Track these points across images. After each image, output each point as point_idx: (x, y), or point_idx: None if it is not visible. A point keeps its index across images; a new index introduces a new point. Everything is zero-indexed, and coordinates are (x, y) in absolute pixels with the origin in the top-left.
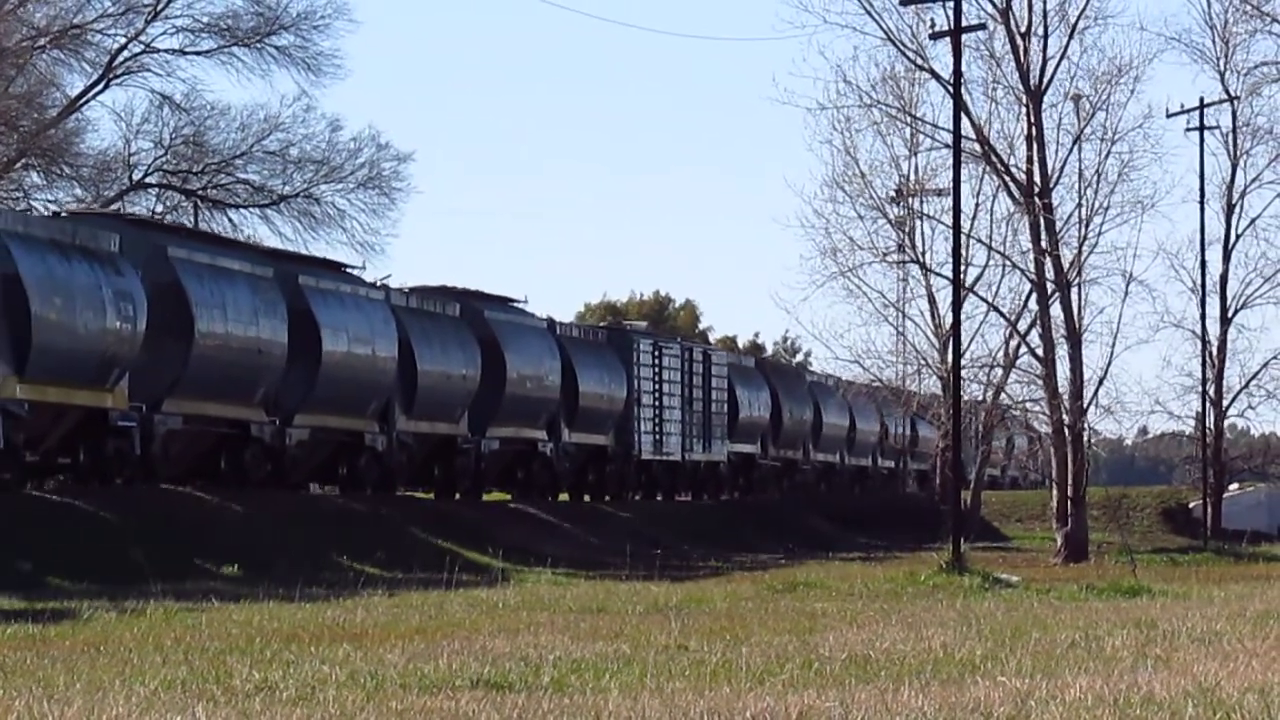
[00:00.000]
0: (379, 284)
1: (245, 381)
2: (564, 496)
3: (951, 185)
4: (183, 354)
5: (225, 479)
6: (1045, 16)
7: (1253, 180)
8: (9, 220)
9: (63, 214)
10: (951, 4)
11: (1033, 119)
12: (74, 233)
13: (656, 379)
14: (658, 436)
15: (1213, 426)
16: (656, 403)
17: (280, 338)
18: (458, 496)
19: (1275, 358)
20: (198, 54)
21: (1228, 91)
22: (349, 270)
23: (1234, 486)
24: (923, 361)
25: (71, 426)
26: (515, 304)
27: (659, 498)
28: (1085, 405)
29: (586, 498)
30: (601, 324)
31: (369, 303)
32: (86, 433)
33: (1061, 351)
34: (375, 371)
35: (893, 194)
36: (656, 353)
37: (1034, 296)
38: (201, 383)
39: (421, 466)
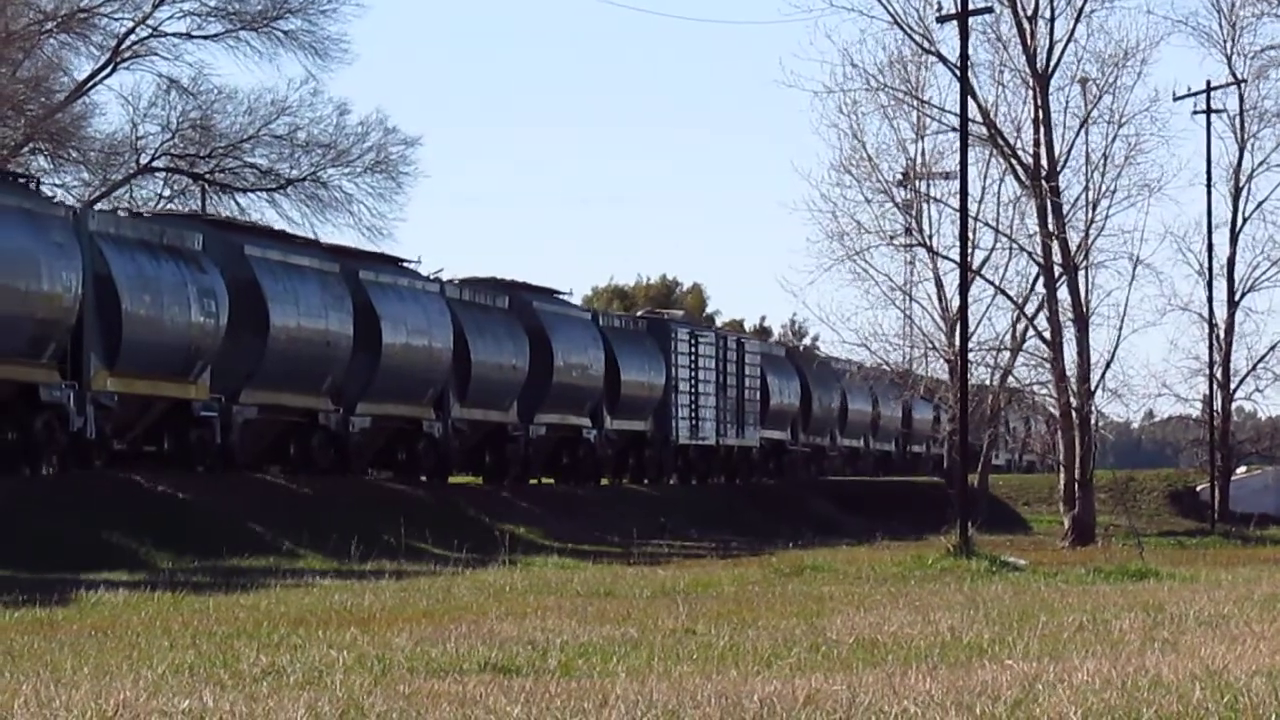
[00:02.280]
0: (433, 277)
1: (314, 373)
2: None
3: (958, 168)
4: (259, 347)
5: (294, 465)
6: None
7: (1260, 163)
8: (102, 222)
9: (146, 214)
10: None
11: (1039, 102)
12: (161, 233)
13: (693, 367)
14: (694, 423)
15: (1220, 409)
16: (693, 390)
17: (346, 330)
18: (506, 482)
19: None
20: (205, 38)
21: (1235, 75)
22: (406, 264)
23: (1241, 470)
24: (930, 345)
25: (157, 416)
26: (560, 296)
27: (694, 481)
28: (1092, 388)
29: (625, 481)
30: (640, 313)
31: (425, 295)
32: (171, 422)
33: (1069, 334)
34: (432, 361)
35: (900, 177)
36: (693, 342)
37: (1041, 280)
38: (275, 374)
39: (473, 453)
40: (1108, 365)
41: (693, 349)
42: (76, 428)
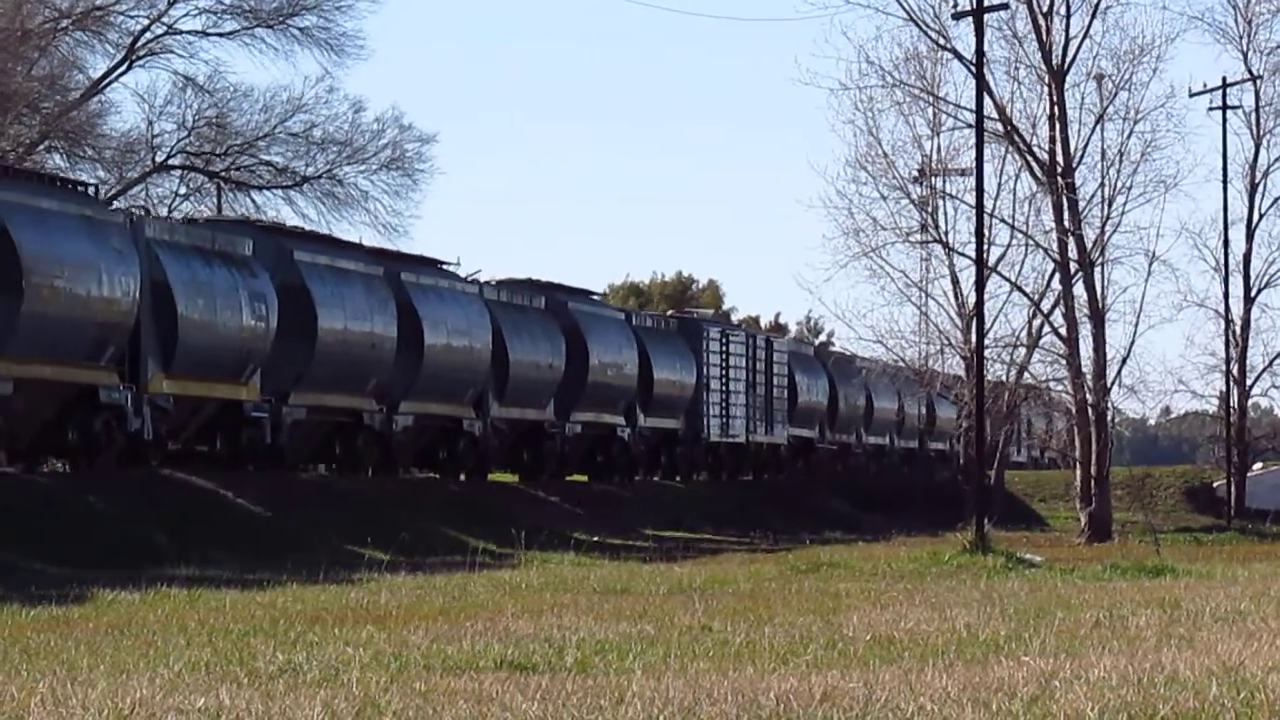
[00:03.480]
0: (471, 279)
1: (360, 374)
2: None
3: (974, 165)
4: (307, 350)
5: (340, 464)
6: None
7: (1276, 159)
8: (158, 229)
9: (198, 220)
10: None
11: (1055, 98)
12: (213, 239)
13: (724, 365)
14: (724, 420)
15: (1236, 406)
16: (723, 388)
17: (390, 332)
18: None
19: None
20: (220, 35)
21: (1250, 71)
22: (445, 266)
23: (1257, 466)
24: (946, 341)
25: (209, 417)
26: (594, 296)
27: (724, 477)
28: (1109, 384)
29: (657, 477)
30: (671, 313)
31: (464, 297)
32: (223, 423)
33: (1085, 331)
34: (472, 361)
35: (915, 174)
36: (724, 340)
37: (1057, 276)
38: (323, 376)
39: (511, 450)
40: (1124, 361)
41: (723, 348)
42: (134, 428)
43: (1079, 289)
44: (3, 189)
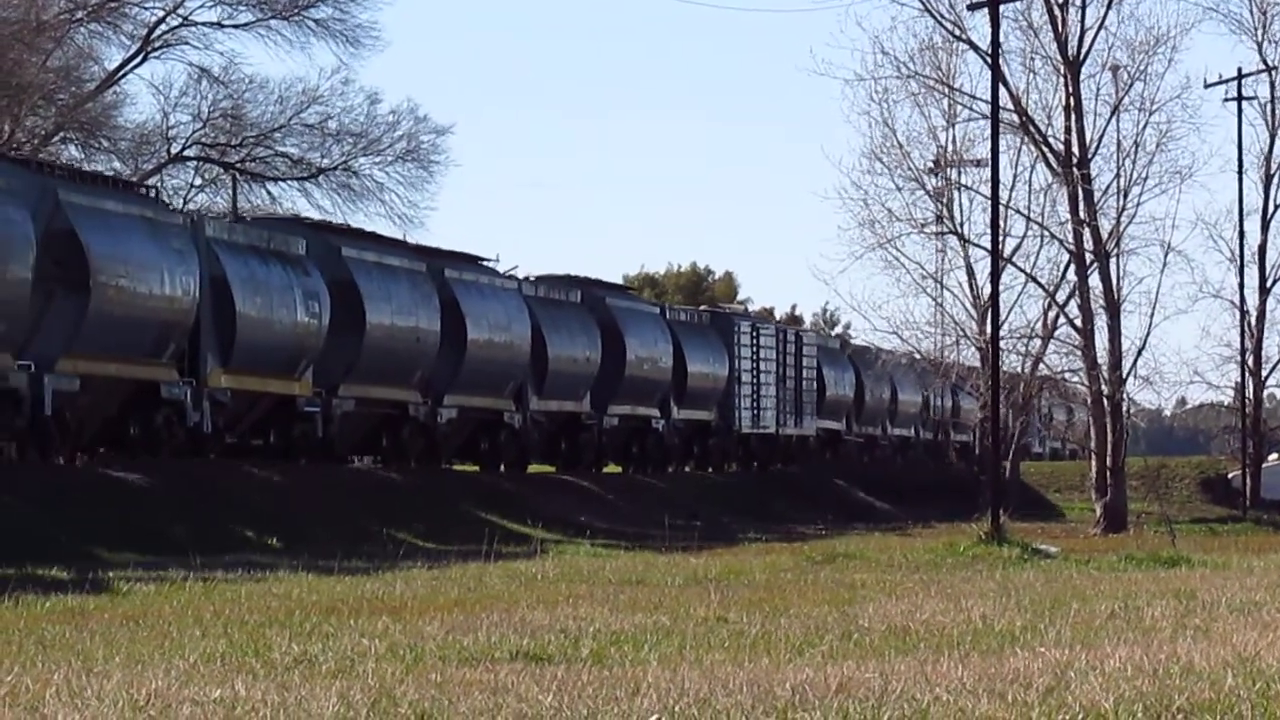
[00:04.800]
0: (509, 274)
1: (406, 367)
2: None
3: (990, 156)
4: (356, 344)
5: (387, 455)
6: None
7: None
8: (216, 229)
9: (248, 218)
10: None
11: (1071, 89)
12: (269, 238)
13: (755, 359)
14: (755, 412)
15: (1252, 396)
16: (754, 381)
17: (434, 326)
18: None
19: None
20: (236, 27)
21: (1266, 62)
22: (484, 262)
23: (1273, 456)
24: (961, 333)
25: (263, 411)
26: (630, 292)
27: (755, 466)
28: (1124, 375)
29: (689, 468)
30: (704, 308)
31: (504, 292)
32: (277, 417)
33: (1100, 322)
34: (512, 355)
35: (931, 165)
36: (755, 334)
37: (1072, 267)
38: (371, 369)
39: (549, 442)
40: (1139, 352)
41: (754, 341)
42: (193, 422)
43: (1094, 280)
44: (71, 192)
